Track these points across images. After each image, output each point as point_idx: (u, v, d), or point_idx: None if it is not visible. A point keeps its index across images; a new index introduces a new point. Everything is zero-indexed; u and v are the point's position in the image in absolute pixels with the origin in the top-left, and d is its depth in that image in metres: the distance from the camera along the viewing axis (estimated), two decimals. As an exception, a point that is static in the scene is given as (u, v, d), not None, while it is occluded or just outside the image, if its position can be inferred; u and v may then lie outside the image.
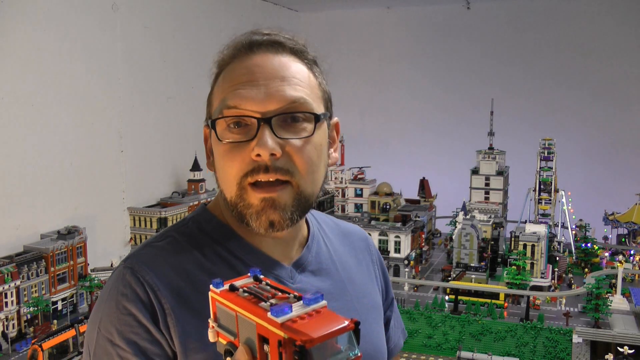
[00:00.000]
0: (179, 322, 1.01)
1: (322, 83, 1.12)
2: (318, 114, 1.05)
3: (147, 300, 1.01)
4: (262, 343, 0.69)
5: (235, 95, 1.02)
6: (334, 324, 0.65)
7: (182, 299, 1.03)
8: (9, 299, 4.65)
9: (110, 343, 0.99)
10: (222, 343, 0.78)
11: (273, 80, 1.03)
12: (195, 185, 6.85)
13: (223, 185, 1.07)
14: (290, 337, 0.63)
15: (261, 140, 0.99)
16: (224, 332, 0.77)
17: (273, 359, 0.67)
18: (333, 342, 0.65)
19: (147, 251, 1.09)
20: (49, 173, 5.22)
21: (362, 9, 9.98)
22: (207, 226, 1.14)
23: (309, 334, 0.62)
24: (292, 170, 1.02)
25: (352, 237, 1.37)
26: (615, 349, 5.23)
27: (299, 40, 1.11)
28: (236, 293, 0.75)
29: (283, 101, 1.02)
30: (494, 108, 8.19)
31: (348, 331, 0.66)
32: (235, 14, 8.10)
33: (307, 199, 1.06)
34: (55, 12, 5.20)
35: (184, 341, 1.00)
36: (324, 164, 1.10)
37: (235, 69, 1.06)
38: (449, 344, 5.81)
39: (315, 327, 0.64)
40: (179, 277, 1.05)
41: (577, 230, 7.50)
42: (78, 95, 5.52)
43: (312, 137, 1.04)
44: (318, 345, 0.63)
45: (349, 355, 0.66)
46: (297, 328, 0.64)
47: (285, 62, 1.06)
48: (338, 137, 1.19)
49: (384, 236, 6.90)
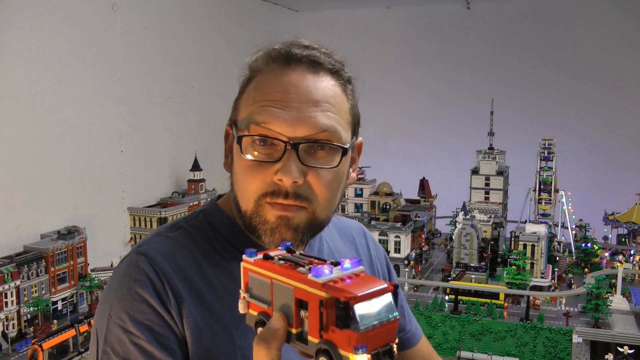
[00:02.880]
0: (191, 312, 1.01)
1: (354, 106, 1.11)
2: (346, 147, 1.04)
3: (161, 287, 1.00)
4: (299, 309, 0.69)
5: (266, 112, 1.00)
6: (375, 285, 0.66)
7: (194, 290, 1.03)
8: (9, 299, 4.65)
9: (123, 330, 0.98)
10: (252, 315, 0.78)
11: (306, 104, 1.01)
12: (195, 185, 6.85)
13: (239, 196, 1.07)
14: (333, 295, 0.63)
15: (286, 166, 0.98)
16: (256, 301, 0.76)
17: (312, 322, 0.67)
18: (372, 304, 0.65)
19: (160, 240, 1.09)
20: (49, 173, 5.22)
21: (362, 9, 9.97)
22: (217, 222, 1.15)
23: (352, 292, 0.63)
24: (310, 198, 1.02)
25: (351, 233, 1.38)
26: (615, 349, 5.23)
27: (336, 57, 1.09)
28: (271, 261, 0.74)
29: (313, 128, 1.00)
30: (494, 108, 8.19)
31: (388, 292, 0.67)
32: (235, 14, 8.10)
33: (320, 223, 1.06)
34: (55, 12, 5.20)
35: (195, 332, 1.00)
36: (342, 190, 1.10)
37: (269, 82, 1.03)
38: (449, 344, 5.81)
39: (357, 287, 0.65)
40: (191, 268, 1.05)
41: (577, 230, 7.50)
42: (78, 95, 5.52)
43: (337, 168, 1.04)
44: (360, 304, 0.63)
45: (388, 317, 0.66)
46: (340, 287, 0.64)
47: (321, 84, 1.04)
48: (359, 157, 1.18)
49: (384, 236, 6.90)
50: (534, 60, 9.09)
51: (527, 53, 9.12)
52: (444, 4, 9.42)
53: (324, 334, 0.65)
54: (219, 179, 6.99)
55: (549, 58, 9.00)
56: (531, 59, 9.10)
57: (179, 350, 1.00)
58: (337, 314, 0.63)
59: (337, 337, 0.64)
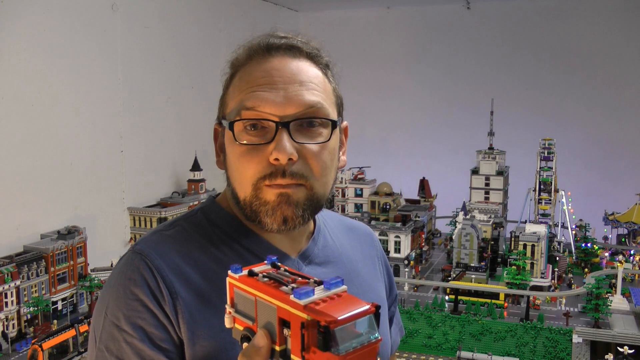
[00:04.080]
0: (187, 308, 1.01)
1: (336, 88, 1.14)
2: (335, 120, 1.08)
3: (155, 285, 1.01)
4: (282, 327, 0.69)
5: (254, 97, 1.03)
6: (356, 307, 0.66)
7: (190, 286, 1.03)
8: (9, 299, 4.65)
9: (117, 328, 0.99)
10: (238, 329, 0.78)
11: (292, 84, 1.04)
12: (195, 185, 6.85)
13: (236, 185, 1.08)
14: (314, 318, 0.64)
15: (280, 144, 1.00)
16: (241, 317, 0.77)
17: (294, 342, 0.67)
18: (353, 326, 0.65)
19: (156, 238, 1.10)
20: (48, 173, 5.22)
21: (362, 9, 9.97)
22: (216, 217, 1.15)
23: (333, 315, 0.63)
24: (307, 175, 1.04)
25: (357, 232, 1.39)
26: (615, 349, 5.23)
27: (314, 44, 1.13)
28: (255, 278, 0.75)
29: (301, 106, 1.03)
30: (494, 108, 8.19)
31: (369, 314, 0.67)
32: (235, 14, 8.10)
33: (319, 199, 1.08)
34: (55, 12, 5.20)
35: (191, 328, 1.01)
36: (335, 168, 1.12)
37: (253, 71, 1.07)
38: (449, 344, 5.81)
39: (338, 309, 0.65)
40: (188, 264, 1.06)
41: (577, 230, 7.50)
42: (78, 95, 5.52)
43: (327, 143, 1.06)
44: (341, 327, 0.64)
45: (369, 339, 0.67)
46: (320, 310, 0.64)
47: (303, 66, 1.08)
48: (346, 141, 1.22)
49: (384, 236, 6.90)
50: (534, 59, 9.09)
51: (527, 52, 9.12)
52: (444, 4, 9.42)
53: (306, 354, 0.66)
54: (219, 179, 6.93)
55: (549, 58, 9.00)
56: (531, 59, 9.10)
57: (174, 349, 1.01)
58: (318, 336, 0.64)
59: (318, 358, 0.64)
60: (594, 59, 8.76)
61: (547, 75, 9.01)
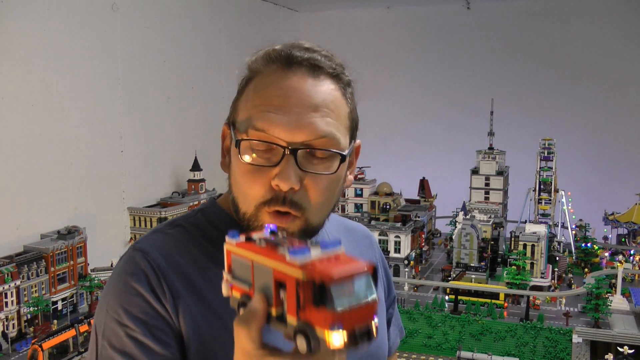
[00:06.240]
0: (188, 307, 1.02)
1: (353, 110, 1.11)
2: (344, 154, 1.04)
3: (157, 282, 1.01)
4: (278, 289, 0.69)
5: (265, 118, 1.00)
6: (353, 266, 0.66)
7: (190, 285, 1.04)
8: (9, 299, 4.65)
9: (119, 323, 1.00)
10: (235, 297, 0.78)
11: (306, 109, 1.01)
12: (195, 185, 6.85)
13: (239, 198, 1.07)
14: (310, 276, 0.64)
15: (284, 172, 0.99)
16: (238, 283, 0.77)
17: (290, 302, 0.67)
18: (350, 285, 0.65)
19: (157, 237, 1.11)
20: (49, 173, 5.22)
21: (362, 9, 9.98)
22: (216, 219, 1.15)
23: (328, 273, 0.63)
24: (305, 206, 1.02)
25: (355, 233, 1.39)
26: (615, 349, 5.23)
27: (337, 60, 1.09)
28: (253, 243, 0.75)
29: (312, 134, 1.00)
30: (494, 108, 8.19)
31: (366, 273, 0.67)
32: (235, 14, 8.10)
33: (314, 227, 1.07)
34: (55, 12, 5.20)
35: (191, 327, 1.01)
36: (338, 193, 1.10)
37: (269, 85, 1.03)
38: (449, 344, 5.81)
39: (334, 267, 0.65)
40: (188, 264, 1.06)
41: (577, 230, 7.50)
42: (78, 95, 5.52)
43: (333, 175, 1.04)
44: (337, 285, 0.64)
45: (366, 298, 0.67)
46: (316, 268, 0.64)
47: (321, 88, 1.04)
48: (357, 159, 1.19)
49: (384, 236, 6.90)
50: (534, 60, 9.09)
51: (527, 53, 9.12)
52: (444, 4, 9.42)
53: (302, 313, 0.66)
54: (219, 179, 6.99)
55: (549, 58, 9.00)
56: (531, 59, 9.10)
57: (175, 344, 1.01)
58: (314, 294, 0.64)
59: (313, 316, 0.64)
60: (594, 59, 8.76)
61: (547, 76, 9.00)
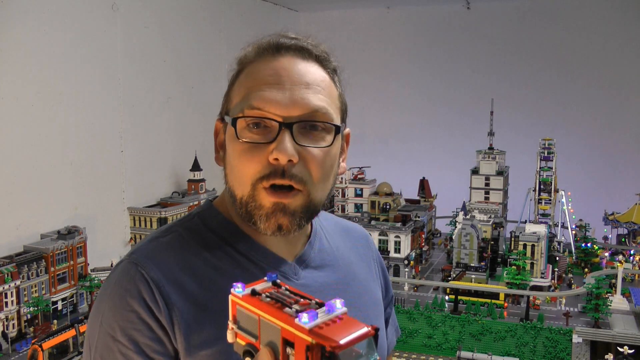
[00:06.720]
0: (184, 318, 1.01)
1: (342, 94, 1.15)
2: (338, 126, 1.08)
3: (151, 297, 1.01)
4: (285, 346, 0.72)
5: (260, 97, 1.03)
6: (357, 330, 0.70)
7: (186, 294, 1.03)
8: (9, 299, 4.65)
9: (112, 339, 1.00)
10: (240, 343, 0.81)
11: (298, 85, 1.04)
12: (195, 185, 6.85)
13: (234, 183, 1.08)
14: (319, 342, 0.68)
15: (281, 144, 1.00)
16: (243, 333, 0.80)
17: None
18: (354, 348, 0.70)
19: (152, 246, 1.10)
20: (49, 173, 5.22)
21: (362, 9, 9.97)
22: (212, 222, 1.15)
23: (336, 340, 0.67)
24: (306, 179, 1.03)
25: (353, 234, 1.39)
26: (615, 349, 5.23)
27: (323, 48, 1.13)
28: (258, 298, 0.78)
29: (306, 108, 1.03)
30: (494, 108, 8.19)
31: (369, 336, 0.71)
32: (235, 14, 8.10)
33: (316, 206, 1.08)
34: (55, 12, 5.20)
35: (188, 338, 1.01)
36: (334, 174, 1.12)
37: (261, 68, 1.07)
38: (449, 344, 5.81)
39: (340, 332, 0.69)
40: (184, 272, 1.05)
41: (577, 230, 7.50)
42: (78, 95, 5.52)
43: (329, 148, 1.06)
44: (345, 351, 0.68)
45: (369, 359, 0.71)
46: (324, 334, 0.68)
47: (311, 69, 1.08)
48: (347, 147, 1.22)
49: (384, 236, 6.90)
50: (534, 60, 9.09)
51: (527, 53, 9.12)
52: (444, 4, 9.42)
53: None
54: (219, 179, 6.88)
55: (549, 58, 9.00)
56: (531, 59, 9.10)
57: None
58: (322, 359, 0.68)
59: None
60: (594, 59, 8.76)
61: (547, 76, 9.00)
